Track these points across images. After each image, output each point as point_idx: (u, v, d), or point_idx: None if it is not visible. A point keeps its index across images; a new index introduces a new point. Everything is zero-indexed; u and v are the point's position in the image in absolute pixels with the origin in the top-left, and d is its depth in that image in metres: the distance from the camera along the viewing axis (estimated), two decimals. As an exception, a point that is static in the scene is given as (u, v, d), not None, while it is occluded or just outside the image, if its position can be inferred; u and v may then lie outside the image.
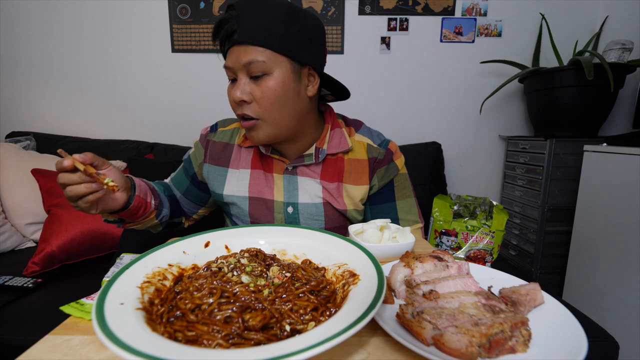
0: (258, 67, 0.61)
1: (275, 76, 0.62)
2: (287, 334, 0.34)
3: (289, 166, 0.75)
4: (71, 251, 1.25)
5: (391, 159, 0.77)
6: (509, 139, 1.83)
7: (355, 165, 0.76)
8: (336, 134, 0.77)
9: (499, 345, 0.32)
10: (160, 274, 0.43)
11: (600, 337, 0.88)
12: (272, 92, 0.63)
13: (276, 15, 0.61)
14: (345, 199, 0.75)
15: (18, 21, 1.77)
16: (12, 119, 1.84)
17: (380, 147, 0.77)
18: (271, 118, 0.65)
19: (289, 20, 0.61)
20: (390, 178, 0.78)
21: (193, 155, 0.83)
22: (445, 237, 0.73)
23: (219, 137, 0.81)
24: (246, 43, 0.61)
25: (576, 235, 1.42)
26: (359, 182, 0.76)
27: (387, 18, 1.80)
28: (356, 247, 0.48)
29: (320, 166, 0.75)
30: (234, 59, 0.63)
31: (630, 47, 1.48)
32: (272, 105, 0.64)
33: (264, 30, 0.60)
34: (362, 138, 0.78)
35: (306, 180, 0.75)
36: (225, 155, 0.79)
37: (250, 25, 0.60)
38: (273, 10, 0.61)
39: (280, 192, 0.76)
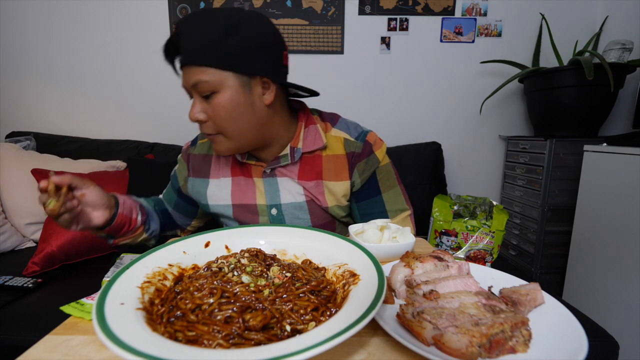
0: (204, 86, 0.61)
1: (223, 93, 0.62)
2: (287, 334, 0.34)
3: (267, 169, 0.75)
4: (71, 251, 1.25)
5: (370, 151, 0.75)
6: (509, 139, 1.83)
7: (334, 161, 0.75)
8: (310, 131, 0.75)
9: (499, 345, 0.32)
10: (161, 274, 0.43)
11: (600, 337, 0.88)
12: (222, 109, 0.63)
13: (213, 31, 0.59)
14: (326, 195, 0.75)
15: (18, 21, 1.77)
16: (12, 119, 1.84)
17: (358, 140, 0.75)
18: (228, 133, 0.66)
19: (227, 33, 0.59)
20: (371, 170, 0.75)
21: (178, 170, 0.85)
22: (445, 237, 0.73)
23: (198, 149, 0.82)
24: (188, 64, 0.62)
25: (576, 235, 1.42)
26: (339, 178, 0.74)
27: (387, 18, 1.80)
28: (356, 247, 0.48)
29: (298, 165, 0.75)
30: (184, 80, 0.64)
31: (630, 47, 1.48)
32: (225, 122, 0.64)
33: (202, 48, 0.60)
34: (338, 133, 0.76)
35: (285, 180, 0.75)
36: (205, 167, 0.80)
37: (189, 46, 0.60)
38: (210, 26, 0.60)
39: (263, 195, 0.76)
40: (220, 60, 0.60)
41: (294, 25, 1.78)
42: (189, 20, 0.61)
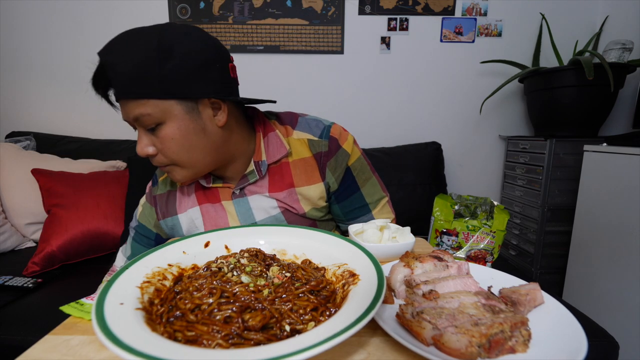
0: (147, 120, 0.56)
1: (169, 124, 0.57)
2: (287, 334, 0.34)
3: (235, 190, 0.70)
4: (71, 251, 1.25)
5: (337, 146, 0.71)
6: (509, 139, 1.83)
7: (302, 165, 0.71)
8: (271, 139, 0.71)
9: (499, 345, 0.32)
10: (160, 274, 0.43)
11: (600, 337, 0.88)
12: (171, 140, 0.58)
13: (145, 57, 0.53)
14: (301, 202, 0.71)
15: (18, 21, 1.77)
16: (12, 119, 1.84)
17: (322, 137, 0.71)
18: (182, 162, 0.61)
19: (161, 58, 0.53)
20: (343, 166, 0.71)
21: (143, 217, 0.78)
22: (446, 236, 0.73)
23: (161, 188, 0.76)
24: (124, 99, 0.56)
25: (576, 235, 1.42)
26: (311, 182, 0.71)
27: (387, 18, 1.80)
28: (356, 247, 0.48)
29: (266, 179, 0.70)
30: (123, 113, 0.59)
31: (630, 47, 1.48)
32: (176, 153, 0.60)
33: (135, 78, 0.53)
34: (300, 135, 0.71)
35: (257, 197, 0.71)
36: (171, 204, 0.75)
37: (120, 79, 0.54)
38: (139, 53, 0.53)
39: (235, 218, 0.71)
40: (159, 90, 0.54)
41: (294, 25, 1.78)
42: (114, 48, 0.54)
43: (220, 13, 1.78)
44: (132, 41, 0.54)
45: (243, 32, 1.79)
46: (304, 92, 1.85)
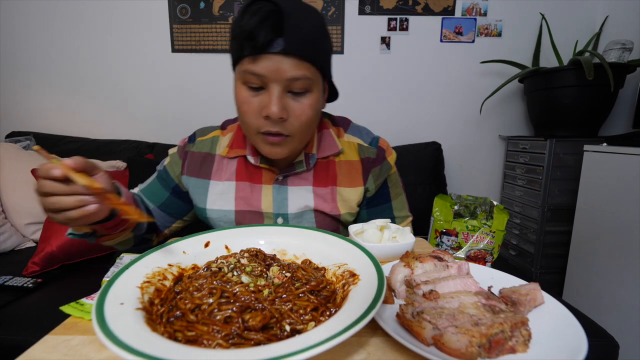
0: (302, 84, 0.56)
1: (313, 94, 0.59)
2: (287, 334, 0.34)
3: (279, 176, 0.71)
4: (71, 251, 1.25)
5: (384, 157, 0.75)
6: (509, 139, 1.83)
7: (348, 167, 0.73)
8: (324, 136, 0.73)
9: (499, 345, 0.32)
10: (160, 274, 0.43)
11: (600, 337, 0.88)
12: (311, 109, 0.59)
13: (319, 27, 0.57)
14: (338, 202, 0.72)
15: (18, 21, 1.77)
16: (12, 119, 1.85)
17: (371, 145, 0.74)
18: (302, 135, 0.62)
19: (325, 34, 0.58)
20: (384, 177, 0.75)
21: (169, 166, 0.77)
22: (446, 236, 0.73)
23: (198, 147, 0.75)
24: (293, 55, 0.54)
25: (576, 235, 1.42)
26: (353, 184, 0.73)
27: (387, 18, 1.80)
28: (356, 247, 0.48)
29: (312, 172, 0.72)
30: (271, 68, 0.54)
31: (630, 47, 1.48)
32: (307, 124, 0.60)
33: (311, 42, 0.55)
34: (351, 138, 0.75)
35: (296, 189, 0.72)
36: (206, 167, 0.74)
37: (300, 35, 0.54)
38: (317, 20, 0.56)
39: (269, 203, 0.71)
40: (322, 61, 0.58)
41: (294, 25, 1.78)
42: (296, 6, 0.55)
43: (220, 13, 1.78)
44: (311, 10, 0.57)
45: (243, 32, 1.79)
46: (304, 92, 1.85)
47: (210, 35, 1.80)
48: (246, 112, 0.59)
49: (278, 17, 0.52)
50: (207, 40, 1.80)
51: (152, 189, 0.77)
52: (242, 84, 0.58)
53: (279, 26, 0.52)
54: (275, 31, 0.52)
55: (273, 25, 0.52)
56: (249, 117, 0.59)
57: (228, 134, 0.76)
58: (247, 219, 0.72)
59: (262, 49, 0.53)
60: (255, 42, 0.52)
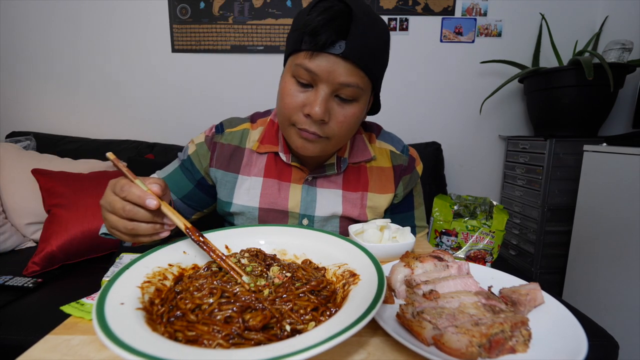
0: (352, 92, 0.55)
1: (359, 103, 0.58)
2: (287, 334, 0.34)
3: (309, 177, 0.70)
4: (71, 251, 1.25)
5: (414, 166, 0.75)
6: (509, 139, 1.83)
7: (379, 173, 0.73)
8: (357, 141, 0.73)
9: (499, 345, 0.32)
10: (161, 274, 0.43)
11: (600, 337, 0.88)
12: (354, 118, 0.59)
13: (383, 38, 0.56)
14: (367, 209, 0.72)
15: (18, 21, 1.77)
16: (12, 119, 1.84)
17: (403, 153, 0.75)
18: (338, 140, 0.61)
19: (387, 45, 0.58)
20: (412, 186, 0.76)
21: (195, 156, 0.72)
22: (446, 237, 0.73)
23: (227, 139, 0.72)
24: (351, 61, 0.53)
25: (576, 235, 1.42)
26: (384, 191, 0.73)
27: (387, 18, 1.80)
28: (356, 247, 0.48)
29: (342, 176, 0.71)
30: (326, 68, 0.53)
31: (630, 47, 1.48)
32: (346, 131, 0.60)
33: (371, 52, 0.54)
34: (383, 145, 0.75)
35: (325, 192, 0.71)
36: (235, 160, 0.71)
37: (362, 42, 0.53)
38: (382, 31, 0.56)
39: (297, 203, 0.70)
40: (377, 73, 0.57)
41: (294, 25, 1.78)
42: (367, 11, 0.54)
43: (220, 13, 1.78)
44: (379, 20, 0.56)
45: (243, 32, 1.79)
46: (304, 92, 1.85)
47: (210, 35, 1.80)
48: (288, 104, 0.57)
49: (346, 19, 0.51)
50: (207, 40, 1.80)
51: (175, 178, 0.73)
52: (292, 77, 0.57)
53: (345, 28, 0.51)
54: (340, 33, 0.51)
55: (339, 26, 0.51)
56: (290, 110, 0.58)
57: (258, 127, 0.73)
58: (271, 217, 0.71)
59: (322, 47, 0.52)
60: (317, 39, 0.51)
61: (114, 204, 0.44)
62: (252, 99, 1.87)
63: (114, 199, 0.45)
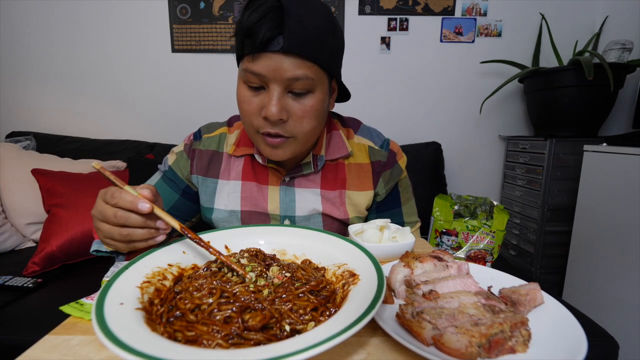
0: (303, 84, 0.54)
1: (316, 94, 0.56)
2: (286, 334, 0.34)
3: (286, 177, 0.69)
4: (71, 251, 1.25)
5: (395, 161, 0.73)
6: (509, 139, 1.83)
7: (357, 170, 0.71)
8: (334, 137, 0.71)
9: (499, 346, 0.32)
10: (160, 274, 0.43)
11: (600, 337, 0.88)
12: (314, 111, 0.56)
13: (325, 24, 0.53)
14: (347, 207, 0.71)
15: (18, 21, 1.77)
16: (12, 119, 1.84)
17: (382, 148, 0.72)
18: (304, 136, 0.59)
19: (333, 30, 0.55)
20: (395, 181, 0.74)
21: (176, 166, 0.73)
22: (446, 236, 0.73)
23: (205, 144, 0.72)
24: (294, 54, 0.51)
25: (576, 235, 1.42)
26: (362, 188, 0.71)
27: (387, 18, 1.80)
28: (356, 247, 0.48)
29: (319, 174, 0.70)
30: (271, 67, 0.52)
31: (630, 47, 1.48)
32: (309, 125, 0.58)
33: (314, 40, 0.52)
34: (362, 140, 0.73)
35: (304, 191, 0.70)
36: (214, 166, 0.71)
37: (301, 33, 0.51)
38: (322, 17, 0.53)
39: (276, 205, 0.70)
40: (327, 59, 0.55)
41: (294, 25, 1.78)
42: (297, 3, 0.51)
43: (220, 13, 1.78)
44: (315, 5, 0.53)
45: (243, 32, 1.79)
46: (304, 92, 1.85)
47: (210, 35, 1.80)
48: (246, 111, 0.57)
49: (279, 13, 0.50)
50: (207, 40, 1.80)
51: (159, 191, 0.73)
52: (243, 83, 0.57)
53: (279, 23, 0.50)
54: (275, 28, 0.50)
55: (273, 22, 0.50)
56: (249, 116, 0.57)
57: (235, 131, 0.73)
58: (254, 219, 0.71)
59: (262, 47, 0.51)
60: (254, 40, 0.50)
61: (106, 212, 0.44)
62: (252, 99, 1.87)
63: (104, 207, 0.44)
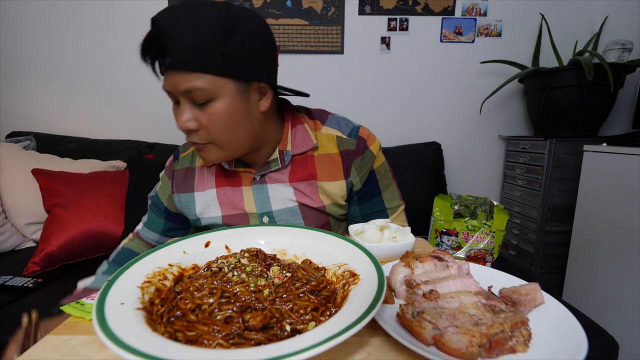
0: (199, 95, 0.55)
1: (220, 101, 0.57)
2: (287, 334, 0.34)
3: (256, 176, 0.71)
4: (71, 251, 1.25)
5: (365, 147, 0.72)
6: (509, 139, 1.83)
7: (327, 160, 0.71)
8: (299, 131, 0.72)
9: (499, 345, 0.32)
10: (161, 274, 0.43)
11: (600, 337, 0.88)
12: (219, 118, 0.58)
13: (211, 31, 0.52)
14: (321, 195, 0.72)
15: (18, 21, 1.77)
16: (12, 119, 1.84)
17: (350, 137, 0.72)
18: (222, 142, 0.61)
19: (227, 34, 0.53)
20: (369, 167, 0.73)
21: (160, 190, 0.79)
22: (446, 236, 0.73)
23: (181, 163, 0.77)
24: (179, 69, 0.54)
25: (576, 235, 1.42)
26: (333, 178, 0.71)
27: (387, 18, 1.80)
28: (356, 247, 0.48)
29: (289, 168, 0.71)
30: (170, 83, 0.56)
31: (630, 47, 1.48)
32: (220, 132, 0.59)
33: (198, 51, 0.52)
34: (329, 130, 0.72)
35: (276, 186, 0.71)
36: (189, 180, 0.75)
37: (181, 48, 0.52)
38: (207, 26, 0.52)
39: (252, 204, 0.72)
40: (218, 66, 0.54)
41: (294, 25, 1.78)
42: (178, 16, 0.52)
43: (220, 13, 1.78)
44: (199, 13, 0.53)
45: (243, 32, 1.79)
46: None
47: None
48: (177, 124, 0.61)
49: (159, 38, 0.53)
50: (207, 40, 1.80)
51: (151, 219, 0.82)
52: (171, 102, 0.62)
53: (160, 46, 0.53)
54: (158, 53, 0.54)
55: (156, 47, 0.54)
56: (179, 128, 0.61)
57: None
58: (235, 221, 0.73)
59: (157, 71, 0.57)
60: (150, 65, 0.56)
61: None
62: (252, 99, 1.87)
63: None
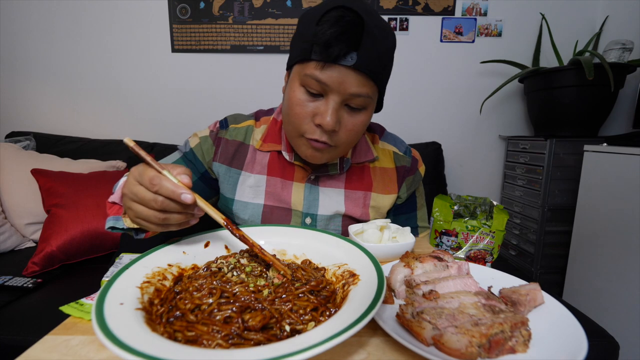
0: (362, 101, 0.56)
1: (368, 111, 0.59)
2: (286, 334, 0.34)
3: (312, 175, 0.70)
4: (71, 251, 1.25)
5: (417, 167, 0.76)
6: (509, 139, 1.83)
7: (382, 173, 0.74)
8: (360, 142, 0.73)
9: (499, 346, 0.32)
10: (160, 274, 0.43)
11: (600, 337, 0.88)
12: (362, 126, 0.59)
13: (391, 47, 0.56)
14: (370, 209, 0.73)
15: (18, 21, 1.77)
16: (12, 119, 1.84)
17: (406, 154, 0.76)
18: (346, 146, 0.62)
19: (393, 54, 0.58)
20: (415, 187, 0.78)
21: (198, 150, 0.71)
22: (446, 237, 0.73)
23: (231, 134, 0.71)
24: (362, 72, 0.53)
25: (576, 235, 1.42)
26: (387, 191, 0.74)
27: (387, 18, 1.80)
28: (356, 247, 0.48)
29: (344, 175, 0.72)
30: (337, 80, 0.53)
31: (630, 47, 1.48)
32: (355, 138, 0.61)
33: (381, 62, 0.55)
34: (387, 146, 0.76)
35: (328, 191, 0.71)
36: (239, 156, 0.71)
37: (373, 54, 0.53)
38: (390, 40, 0.56)
39: (300, 202, 0.71)
40: (385, 81, 0.58)
41: (294, 25, 1.78)
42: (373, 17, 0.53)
43: (220, 13, 1.78)
44: (384, 24, 0.56)
45: (243, 32, 1.79)
46: (304, 92, 1.85)
47: (210, 35, 1.80)
48: (298, 114, 0.57)
49: (359, 31, 0.51)
50: (207, 40, 1.80)
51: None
52: (300, 86, 0.57)
53: (357, 40, 0.51)
54: (352, 45, 0.51)
55: (352, 38, 0.51)
56: (300, 119, 0.58)
57: (261, 126, 0.73)
58: (275, 214, 0.71)
59: (335, 59, 0.51)
60: (329, 51, 0.51)
61: (143, 196, 0.42)
62: (252, 98, 1.87)
63: (140, 190, 0.42)
